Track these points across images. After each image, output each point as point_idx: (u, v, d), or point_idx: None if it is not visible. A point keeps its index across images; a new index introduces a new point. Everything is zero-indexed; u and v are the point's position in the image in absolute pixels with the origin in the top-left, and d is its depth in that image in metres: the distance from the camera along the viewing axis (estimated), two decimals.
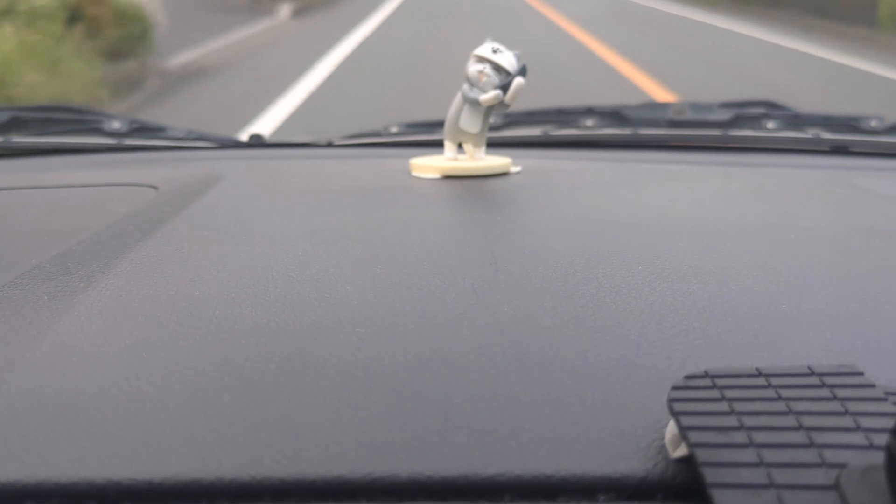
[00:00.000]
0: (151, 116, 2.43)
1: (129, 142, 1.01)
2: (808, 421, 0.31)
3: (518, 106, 0.81)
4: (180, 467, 0.33)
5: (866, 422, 0.31)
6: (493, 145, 0.85)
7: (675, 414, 0.32)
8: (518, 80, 0.76)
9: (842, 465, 0.28)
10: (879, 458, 0.28)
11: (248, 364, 0.40)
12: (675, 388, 0.33)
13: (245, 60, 7.06)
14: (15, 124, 1.03)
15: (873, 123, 1.03)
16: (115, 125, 1.03)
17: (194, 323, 0.45)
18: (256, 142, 1.05)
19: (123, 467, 0.33)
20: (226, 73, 6.46)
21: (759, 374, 0.34)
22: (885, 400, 0.32)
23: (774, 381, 0.34)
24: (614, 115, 1.06)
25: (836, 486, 0.28)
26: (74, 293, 0.49)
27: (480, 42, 0.78)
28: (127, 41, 6.06)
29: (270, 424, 0.35)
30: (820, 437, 0.30)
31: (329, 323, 0.44)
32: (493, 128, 0.95)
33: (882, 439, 0.30)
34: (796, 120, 1.06)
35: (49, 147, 0.99)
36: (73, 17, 5.52)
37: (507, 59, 0.77)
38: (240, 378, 0.39)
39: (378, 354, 0.41)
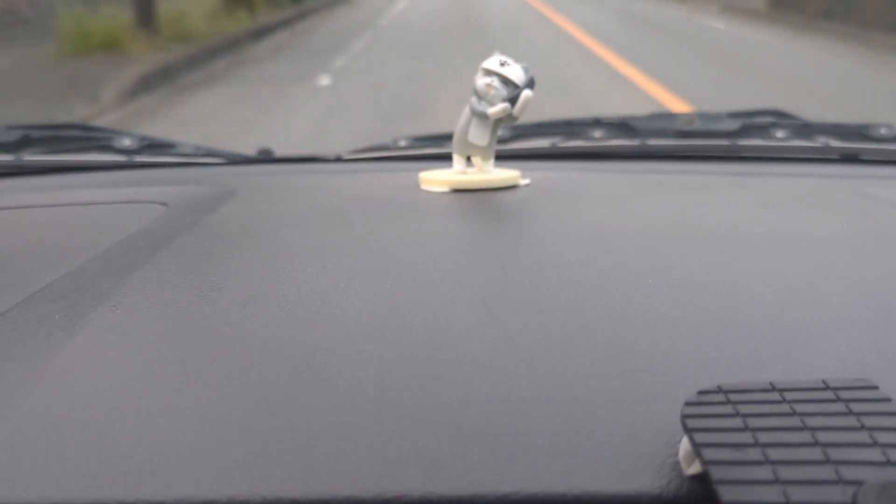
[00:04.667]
0: None
1: (138, 159, 1.02)
2: (823, 437, 0.30)
3: (526, 118, 0.81)
4: (191, 487, 0.33)
5: (883, 437, 0.30)
6: (502, 158, 0.85)
7: (689, 430, 0.32)
8: (526, 93, 0.76)
9: (859, 482, 0.28)
10: None
11: (258, 381, 0.40)
12: (688, 403, 0.33)
13: None
14: (26, 143, 1.04)
15: (883, 131, 1.03)
16: (125, 142, 1.04)
17: (205, 340, 0.45)
18: (265, 157, 1.05)
19: (135, 487, 0.33)
20: None
21: (773, 388, 0.34)
22: None
23: (789, 395, 0.33)
24: (622, 127, 1.06)
25: None
26: (86, 311, 0.49)
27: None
28: None
29: (281, 442, 0.35)
30: (836, 454, 0.30)
31: (339, 338, 0.44)
32: (501, 140, 0.95)
33: None
34: (805, 129, 1.06)
35: (59, 165, 1.00)
36: None
37: (515, 72, 0.77)
38: (250, 395, 0.39)
39: (388, 370, 0.41)
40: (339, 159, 1.03)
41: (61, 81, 6.08)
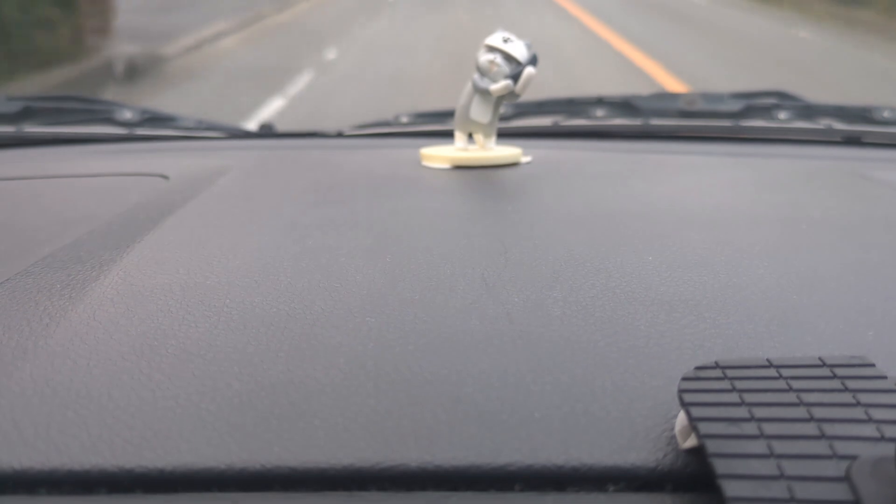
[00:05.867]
0: None
1: (139, 131, 1.02)
2: (818, 412, 0.31)
3: (529, 96, 0.81)
4: (191, 455, 0.33)
5: (877, 413, 0.31)
6: (504, 135, 0.85)
7: (686, 405, 0.32)
8: (529, 70, 0.76)
9: (853, 457, 0.28)
10: (890, 449, 0.28)
11: (258, 352, 0.40)
12: (685, 378, 0.33)
13: None
14: (27, 114, 1.03)
15: (886, 114, 1.02)
16: (127, 115, 1.04)
17: (205, 311, 0.45)
18: (266, 132, 1.05)
19: (135, 455, 0.33)
20: None
21: (770, 365, 0.34)
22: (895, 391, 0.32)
23: (785, 372, 0.33)
24: (625, 106, 1.06)
25: (846, 478, 0.28)
26: (87, 282, 0.49)
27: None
28: None
29: (280, 413, 0.35)
30: (831, 429, 0.30)
31: (339, 312, 0.45)
32: (503, 118, 0.95)
33: (893, 431, 0.30)
34: (808, 110, 1.05)
35: (61, 137, 1.00)
36: None
37: (518, 49, 0.76)
38: (250, 366, 0.39)
39: (388, 343, 0.41)
40: (340, 135, 1.03)
41: None
